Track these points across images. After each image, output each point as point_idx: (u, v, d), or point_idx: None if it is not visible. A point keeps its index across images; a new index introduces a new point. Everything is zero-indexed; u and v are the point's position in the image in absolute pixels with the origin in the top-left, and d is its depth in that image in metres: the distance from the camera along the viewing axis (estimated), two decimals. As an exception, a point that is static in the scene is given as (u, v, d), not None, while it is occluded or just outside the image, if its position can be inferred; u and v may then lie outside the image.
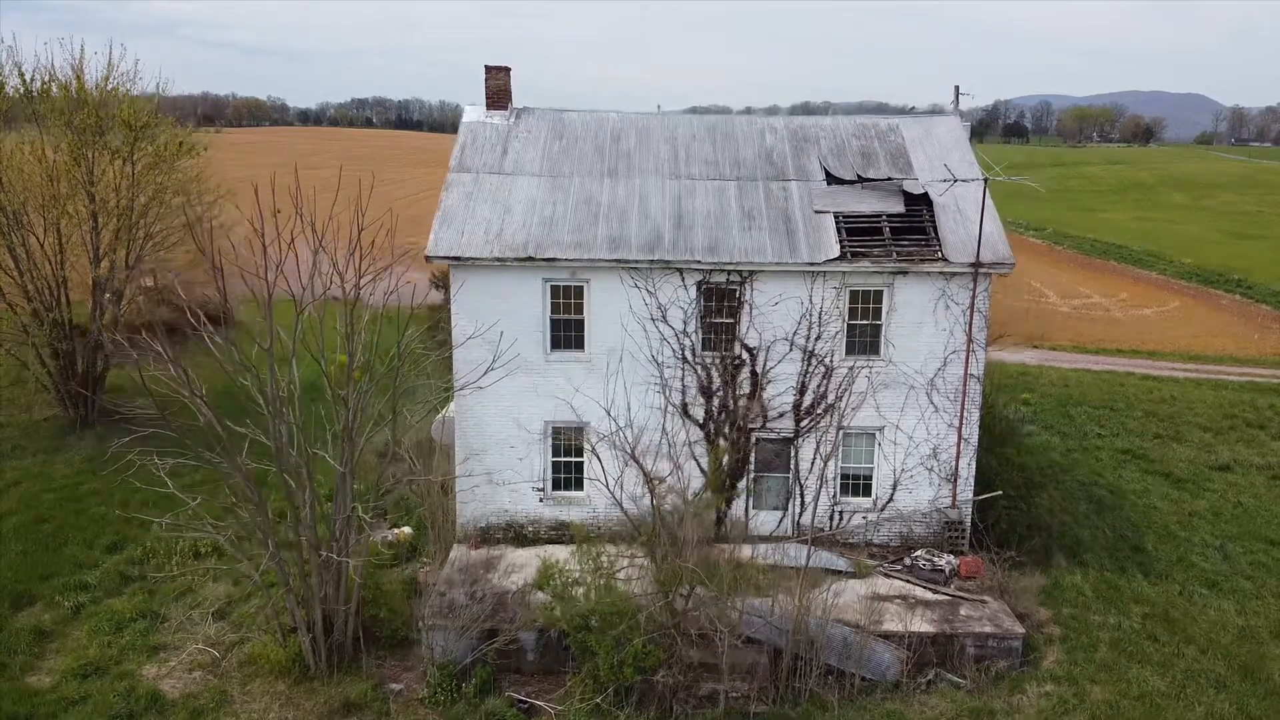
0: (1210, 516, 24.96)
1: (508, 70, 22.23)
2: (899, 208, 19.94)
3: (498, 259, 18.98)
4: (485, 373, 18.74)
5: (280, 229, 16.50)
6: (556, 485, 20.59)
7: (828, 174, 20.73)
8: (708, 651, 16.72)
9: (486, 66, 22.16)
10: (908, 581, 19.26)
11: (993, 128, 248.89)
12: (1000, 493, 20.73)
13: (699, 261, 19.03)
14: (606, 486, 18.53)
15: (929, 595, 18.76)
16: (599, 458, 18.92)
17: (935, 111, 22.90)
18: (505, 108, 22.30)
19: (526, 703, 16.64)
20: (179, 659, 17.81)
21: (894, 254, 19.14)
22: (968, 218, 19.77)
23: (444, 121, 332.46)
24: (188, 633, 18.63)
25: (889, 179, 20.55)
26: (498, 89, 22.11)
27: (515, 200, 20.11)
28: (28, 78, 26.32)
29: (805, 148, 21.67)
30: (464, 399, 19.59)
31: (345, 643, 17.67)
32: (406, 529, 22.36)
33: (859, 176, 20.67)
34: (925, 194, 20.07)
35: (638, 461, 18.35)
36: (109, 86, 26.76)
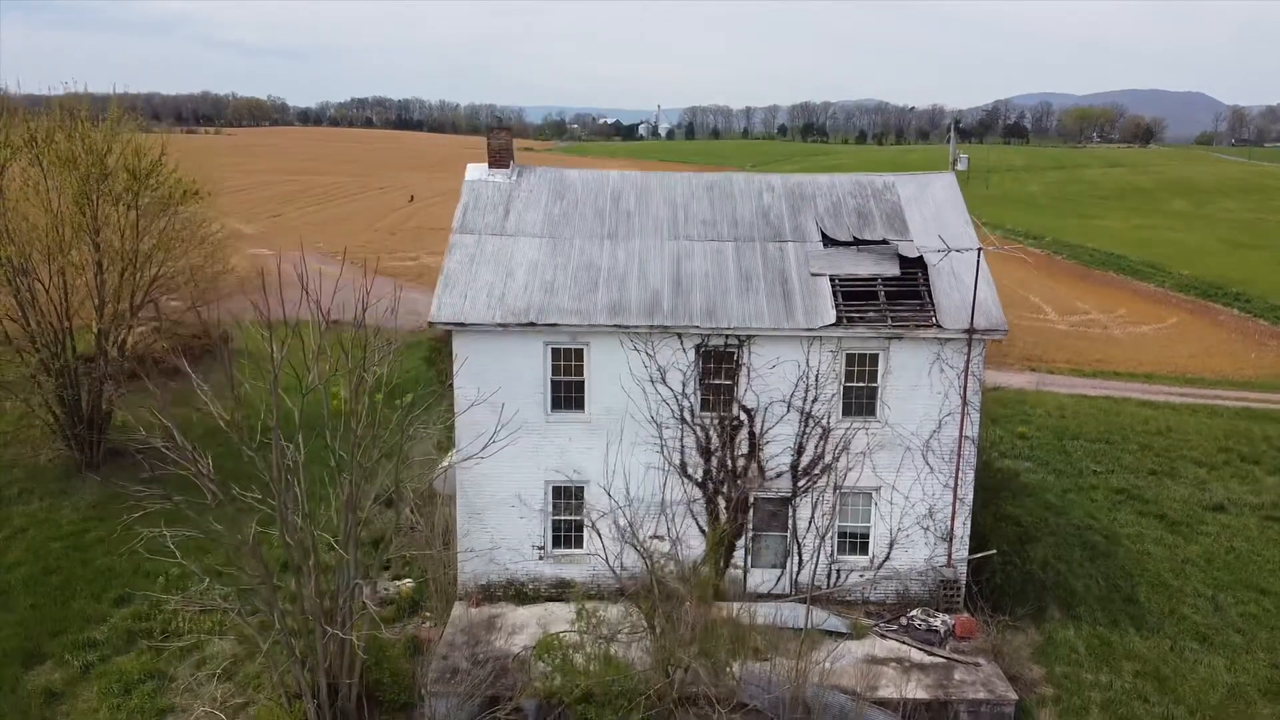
0: (1203, 564, 25.27)
1: (509, 130, 22.55)
2: (894, 270, 20.23)
3: (500, 324, 19.27)
4: (486, 445, 19.00)
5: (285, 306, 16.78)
6: (557, 543, 20.91)
7: (824, 236, 21.01)
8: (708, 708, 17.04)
9: (489, 128, 22.49)
10: (903, 642, 19.58)
11: (993, 128, 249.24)
12: (994, 551, 21.05)
13: (697, 326, 19.33)
14: (607, 562, 18.77)
15: (924, 658, 19.07)
16: (599, 532, 19.17)
17: (930, 173, 23.15)
18: (507, 166, 22.58)
19: (528, 770, 16.95)
20: (189, 722, 18.12)
21: (889, 319, 19.44)
22: (962, 280, 20.06)
23: (443, 121, 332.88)
24: (195, 694, 18.93)
25: (884, 241, 20.84)
26: (500, 148, 22.40)
27: (517, 263, 20.41)
28: (31, 126, 26.60)
29: (802, 206, 21.96)
30: (466, 444, 19.90)
31: (349, 709, 17.97)
32: (408, 582, 22.67)
33: (854, 238, 20.95)
34: (920, 257, 20.35)
35: (636, 546, 18.55)
36: (110, 129, 27.06)
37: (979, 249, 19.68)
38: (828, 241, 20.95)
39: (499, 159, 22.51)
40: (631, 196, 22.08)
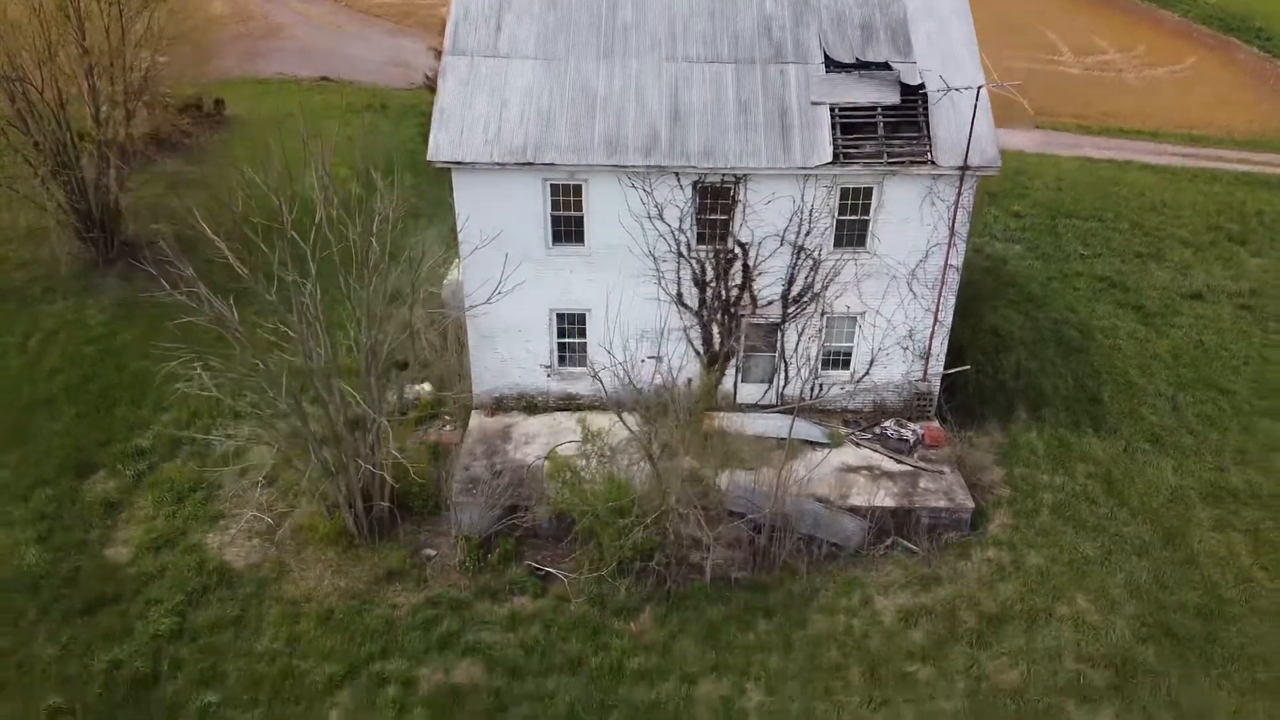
0: (1170, 360, 26.84)
1: (499, -67, 21.43)
2: (894, 98, 20.17)
3: (497, 164, 19.59)
4: (491, 295, 19.98)
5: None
6: (562, 361, 22.37)
7: (826, 58, 20.69)
8: (696, 526, 19.25)
9: (477, -69, 21.35)
10: (876, 450, 21.54)
11: None
12: (968, 367, 22.53)
13: (694, 166, 19.63)
14: (618, 416, 19.93)
15: (893, 466, 21.10)
16: (602, 383, 20.24)
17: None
18: (498, -26, 21.71)
19: (542, 571, 19.43)
20: (238, 528, 20.45)
21: (886, 155, 19.69)
22: (960, 111, 20.07)
23: None
24: (241, 500, 21.14)
25: (887, 65, 20.57)
26: (490, -44, 21.43)
27: (511, 90, 20.31)
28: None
29: (805, 15, 21.37)
30: (474, 289, 20.90)
31: (383, 514, 20.20)
32: (427, 386, 24.35)
33: (857, 60, 20.66)
34: (921, 84, 20.21)
35: (631, 378, 19.64)
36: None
37: (978, 87, 19.50)
38: (829, 64, 20.65)
39: (490, -34, 21.60)
40: (628, 7, 21.40)
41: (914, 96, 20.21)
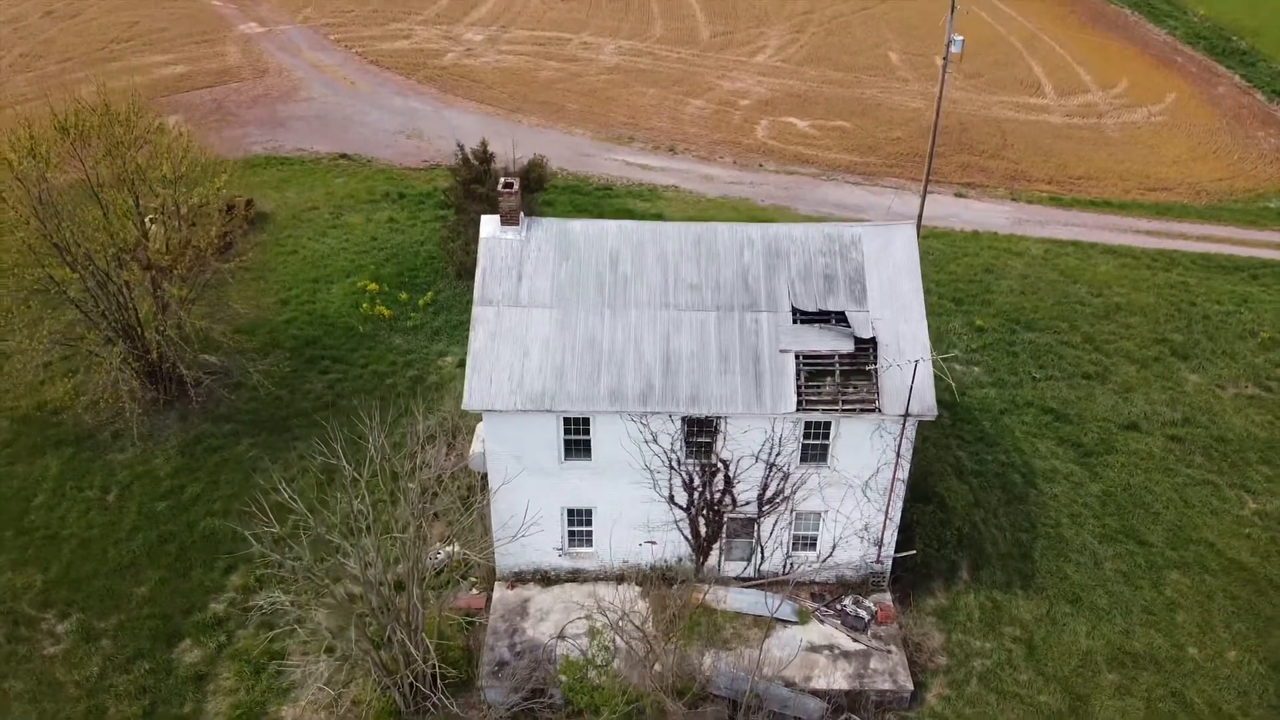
0: (1098, 506, 30.91)
1: (516, 190, 24.98)
2: (850, 348, 23.98)
3: (520, 410, 23.53)
4: (520, 528, 24.22)
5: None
6: (572, 541, 26.53)
7: (794, 310, 24.43)
8: (683, 708, 23.60)
9: (498, 191, 24.93)
10: (837, 628, 25.80)
11: None
12: (914, 551, 26.67)
13: (683, 412, 23.56)
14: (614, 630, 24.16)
15: (850, 645, 25.37)
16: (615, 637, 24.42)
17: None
18: (518, 223, 25.33)
19: (559, 749, 23.85)
20: (307, 700, 24.80)
21: (840, 403, 23.57)
22: (904, 355, 23.86)
23: None
24: (306, 673, 25.44)
25: (844, 315, 24.31)
26: (509, 209, 25.05)
27: (531, 341, 24.14)
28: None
29: (777, 266, 25.05)
30: (498, 490, 25.01)
31: (424, 688, 24.51)
32: (455, 548, 28.48)
33: (819, 310, 24.41)
34: (873, 336, 24.00)
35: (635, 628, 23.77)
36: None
37: (915, 362, 23.28)
38: (796, 314, 24.40)
39: (509, 218, 25.22)
40: (628, 259, 25.08)
41: (866, 345, 24.01)
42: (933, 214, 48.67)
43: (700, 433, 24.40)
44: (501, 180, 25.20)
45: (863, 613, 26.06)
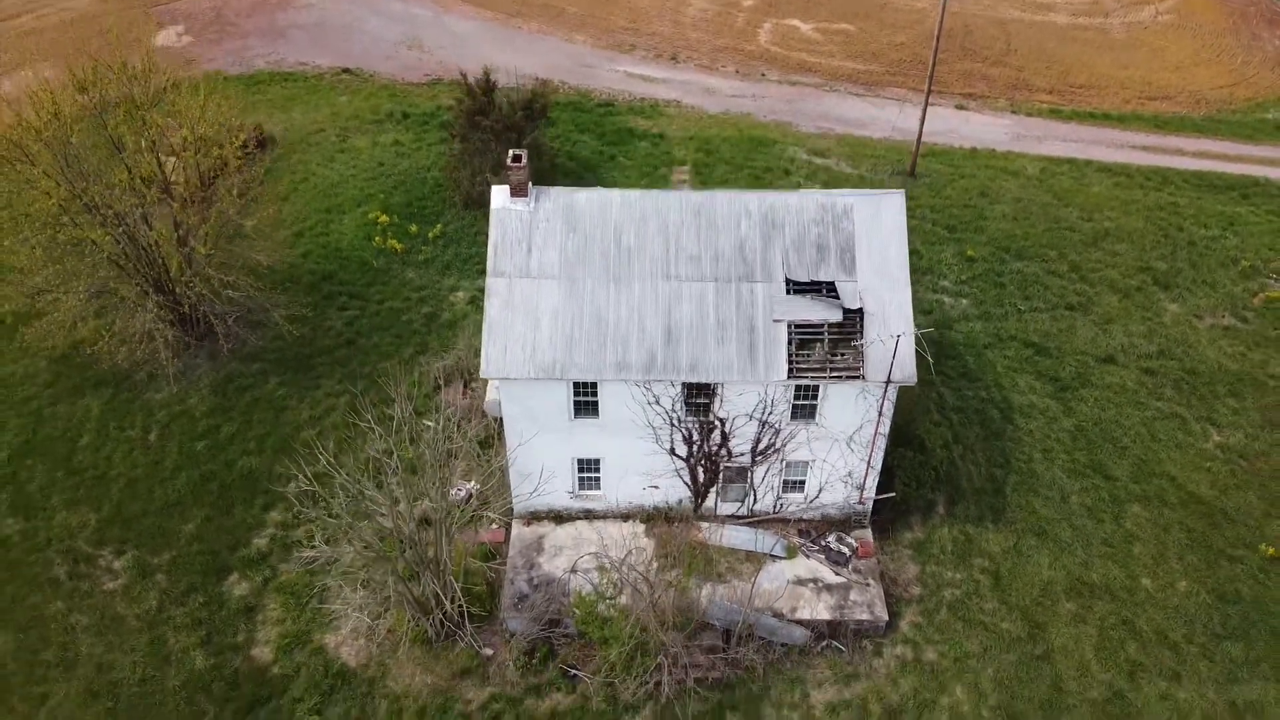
0: (1069, 442, 33.20)
1: (524, 165, 26.24)
2: (838, 318, 25.77)
3: (533, 378, 25.54)
4: (537, 486, 26.56)
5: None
6: (583, 485, 28.98)
7: (788, 280, 26.08)
8: (683, 636, 26.50)
9: (507, 165, 26.19)
10: (821, 562, 28.51)
11: None
12: (894, 494, 29.08)
13: (683, 379, 25.56)
14: (618, 567, 26.69)
15: (833, 579, 28.10)
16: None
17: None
18: (526, 194, 26.69)
19: (571, 671, 26.85)
20: (347, 628, 27.71)
21: (828, 371, 25.53)
22: (891, 329, 25.67)
23: None
24: (346, 601, 28.26)
25: (834, 285, 25.99)
26: (519, 182, 26.38)
27: (542, 312, 25.89)
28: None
29: (773, 236, 26.54)
30: (515, 445, 27.26)
31: (452, 619, 27.40)
32: (475, 485, 30.99)
33: (811, 281, 26.07)
34: (860, 307, 25.75)
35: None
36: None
37: (897, 337, 25.03)
38: (789, 284, 26.06)
39: (519, 190, 26.56)
40: (631, 231, 26.54)
41: (854, 315, 25.78)
42: (933, 129, 49.35)
43: (699, 395, 26.43)
44: (511, 154, 26.32)
45: (845, 549, 28.70)
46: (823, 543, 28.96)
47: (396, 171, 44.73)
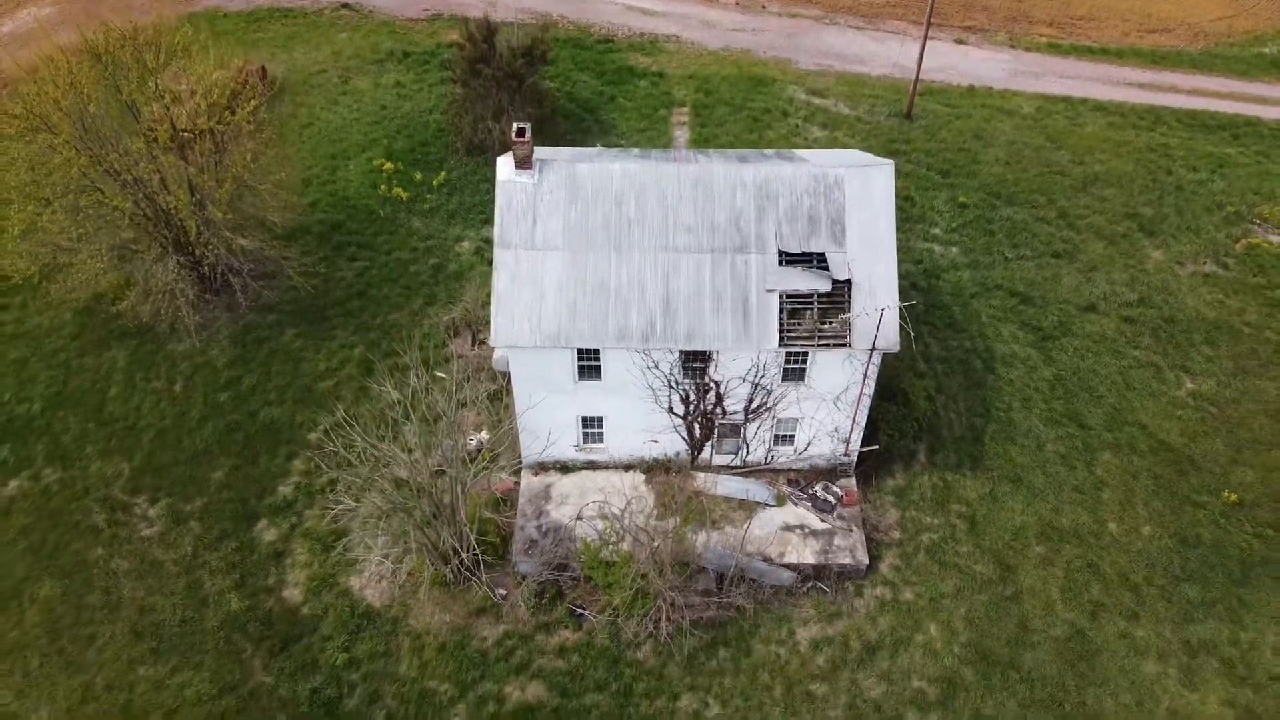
0: (1047, 391, 34.99)
1: (529, 140, 27.33)
2: (827, 287, 27.26)
3: (539, 346, 27.19)
4: (545, 446, 28.29)
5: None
6: (586, 439, 30.91)
7: (780, 252, 27.46)
8: (679, 578, 28.78)
9: (513, 140, 27.27)
10: (808, 510, 30.63)
11: None
12: (877, 446, 31.00)
13: (680, 347, 27.20)
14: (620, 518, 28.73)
15: (819, 525, 30.26)
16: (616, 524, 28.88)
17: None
18: (530, 167, 27.85)
19: (578, 611, 29.22)
20: (370, 571, 30.00)
21: (817, 339, 27.15)
22: (877, 299, 27.18)
23: None
24: (368, 547, 30.47)
25: (824, 256, 27.38)
26: (524, 156, 27.52)
27: (547, 283, 27.35)
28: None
29: (767, 208, 27.81)
30: (524, 409, 29.08)
31: (467, 563, 29.65)
32: (485, 434, 32.88)
33: (803, 252, 27.46)
34: (848, 279, 27.21)
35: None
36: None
37: (881, 309, 26.51)
38: (781, 256, 27.46)
39: (523, 164, 27.71)
40: (632, 201, 27.78)
41: (843, 285, 27.25)
42: (931, 66, 49.80)
43: (695, 360, 28.09)
44: (515, 127, 27.36)
45: (830, 497, 30.78)
46: (810, 491, 31.01)
47: (399, 115, 45.41)
